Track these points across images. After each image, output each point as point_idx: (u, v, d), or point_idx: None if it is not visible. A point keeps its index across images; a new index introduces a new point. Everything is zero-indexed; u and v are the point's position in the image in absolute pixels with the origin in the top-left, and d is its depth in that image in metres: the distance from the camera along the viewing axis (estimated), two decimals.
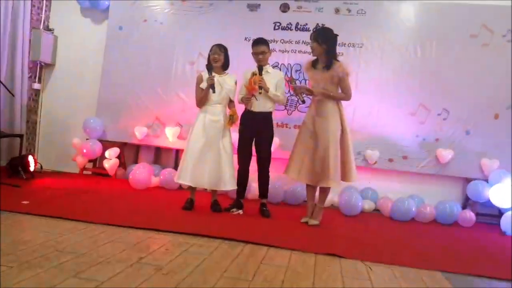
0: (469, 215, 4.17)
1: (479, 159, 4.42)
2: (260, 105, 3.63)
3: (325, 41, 3.34)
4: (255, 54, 3.65)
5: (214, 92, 3.50)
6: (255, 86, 3.51)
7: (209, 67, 3.54)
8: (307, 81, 4.13)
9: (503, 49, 4.42)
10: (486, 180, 4.32)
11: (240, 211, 3.68)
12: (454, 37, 4.50)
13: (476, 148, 4.43)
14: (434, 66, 4.52)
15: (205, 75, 3.57)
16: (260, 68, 3.59)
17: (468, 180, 4.45)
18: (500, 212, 4.23)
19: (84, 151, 4.82)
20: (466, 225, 4.13)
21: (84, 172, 5.12)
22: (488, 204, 4.27)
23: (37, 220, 2.88)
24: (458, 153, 4.44)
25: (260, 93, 3.55)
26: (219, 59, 3.57)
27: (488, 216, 4.39)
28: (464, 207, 4.46)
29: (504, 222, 3.93)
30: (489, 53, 4.44)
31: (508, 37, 4.42)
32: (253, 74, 3.57)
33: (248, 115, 3.68)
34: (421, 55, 4.55)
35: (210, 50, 3.61)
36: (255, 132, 3.69)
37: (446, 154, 4.44)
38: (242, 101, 3.68)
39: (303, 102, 3.56)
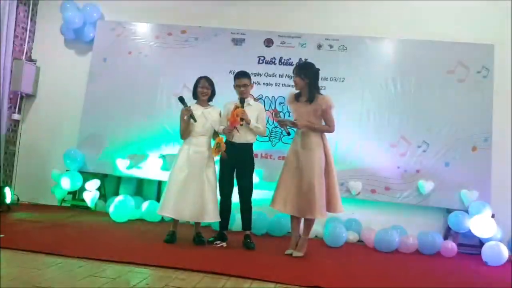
0: (451, 245, 4.19)
1: (459, 190, 4.49)
2: (241, 136, 3.65)
3: (307, 75, 3.42)
4: (237, 86, 3.71)
5: (195, 121, 3.52)
6: (237, 118, 3.54)
7: (181, 99, 3.55)
8: (290, 114, 4.19)
9: (479, 85, 4.61)
10: (467, 211, 4.38)
11: (224, 244, 3.62)
12: (432, 72, 4.68)
13: (456, 180, 4.51)
14: (414, 100, 4.67)
15: (191, 107, 3.58)
16: (242, 101, 3.64)
17: (449, 211, 4.51)
18: (481, 242, 4.27)
19: (63, 183, 4.71)
20: (448, 255, 4.15)
21: (63, 204, 4.99)
22: (469, 234, 4.32)
23: (12, 254, 2.76)
24: (439, 184, 4.52)
25: (241, 125, 3.59)
26: (207, 93, 3.62)
27: (469, 246, 4.43)
28: (445, 237, 4.50)
29: (485, 252, 3.96)
30: (465, 88, 4.63)
31: (483, 73, 4.62)
32: (236, 106, 3.61)
33: (229, 146, 3.70)
34: (401, 89, 4.70)
35: (198, 82, 3.65)
36: (236, 163, 3.69)
37: (427, 185, 4.51)
38: (224, 132, 3.70)
39: (288, 134, 3.60)
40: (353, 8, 4.99)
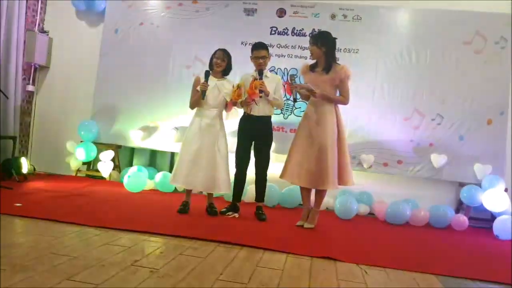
0: (462, 219, 4.19)
1: (472, 164, 4.45)
2: (260, 109, 3.63)
3: (324, 44, 3.37)
4: (255, 58, 3.66)
5: (203, 98, 3.51)
6: (256, 91, 3.51)
7: (207, 73, 3.55)
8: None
9: (496, 56, 4.48)
10: (479, 185, 4.35)
11: (236, 215, 3.67)
12: (448, 43, 4.56)
13: (470, 153, 4.47)
14: (428, 72, 4.57)
15: (203, 78, 3.57)
16: (261, 72, 3.59)
17: (461, 185, 4.48)
18: (492, 216, 4.26)
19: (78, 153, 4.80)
20: (459, 229, 4.16)
21: (78, 174, 5.10)
22: (481, 208, 4.30)
23: (30, 222, 2.85)
24: (452, 158, 4.48)
25: (260, 97, 3.56)
26: (221, 65, 3.59)
27: (481, 220, 4.43)
28: (457, 211, 4.50)
29: (497, 226, 3.96)
30: (482, 60, 4.50)
31: (501, 44, 4.48)
32: (254, 78, 3.57)
33: (247, 119, 3.68)
34: (416, 61, 4.60)
35: (214, 54, 3.62)
36: (254, 136, 3.68)
37: (440, 159, 4.47)
38: (241, 105, 3.68)
39: (295, 101, 3.54)
40: None
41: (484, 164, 4.42)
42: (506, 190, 4.24)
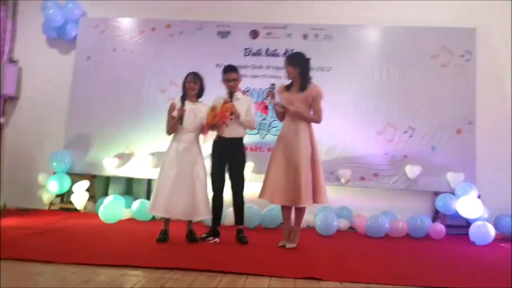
0: (439, 227, 4.29)
1: (445, 173, 4.58)
2: (231, 131, 3.64)
3: (299, 64, 3.47)
4: (226, 81, 3.69)
5: (181, 123, 3.51)
6: (226, 113, 3.53)
7: (183, 98, 3.55)
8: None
9: (462, 69, 4.68)
10: (453, 193, 4.47)
11: (217, 239, 3.63)
12: (416, 58, 4.74)
13: (442, 163, 4.60)
14: (399, 86, 4.72)
15: (178, 103, 3.57)
16: (231, 95, 3.62)
17: (436, 194, 4.59)
18: (468, 223, 4.37)
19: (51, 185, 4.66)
20: (437, 238, 4.25)
21: (52, 208, 4.93)
22: (456, 215, 4.42)
23: (2, 264, 2.73)
24: (426, 168, 4.59)
25: (231, 119, 3.57)
26: (194, 88, 3.59)
27: (457, 227, 4.53)
28: (434, 220, 4.59)
29: (472, 232, 4.07)
30: (449, 73, 4.70)
31: (466, 57, 4.69)
32: (225, 101, 3.59)
33: (219, 141, 3.69)
34: (386, 76, 4.74)
35: (186, 78, 3.62)
36: (227, 158, 3.69)
37: (414, 169, 4.58)
38: (213, 127, 3.68)
39: (281, 120, 3.56)
40: None
41: (457, 173, 4.55)
42: (479, 196, 4.37)
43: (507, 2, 4.82)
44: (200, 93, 3.66)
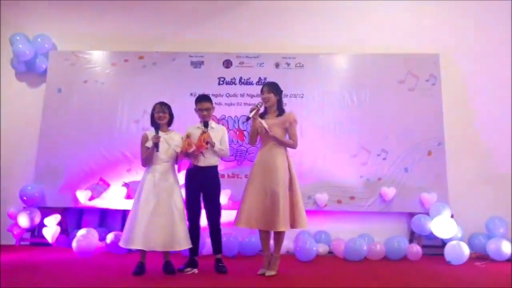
0: (416, 248, 4.34)
1: (419, 194, 4.68)
2: (206, 160, 3.65)
3: (277, 92, 3.62)
4: (199, 110, 3.71)
5: (157, 151, 3.49)
6: (203, 143, 3.54)
7: (156, 126, 3.55)
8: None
9: (428, 92, 4.87)
10: (428, 213, 4.56)
11: (195, 270, 3.55)
12: (384, 83, 4.91)
13: (416, 184, 4.71)
14: (370, 110, 4.86)
15: (150, 134, 3.55)
16: (206, 124, 3.63)
17: (411, 215, 4.67)
18: (443, 243, 4.44)
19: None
20: (414, 259, 4.30)
21: (22, 243, 4.72)
22: (431, 236, 4.48)
23: None
24: (400, 190, 4.69)
25: (206, 148, 3.58)
26: (164, 117, 3.59)
27: (433, 247, 4.60)
28: (410, 241, 4.65)
29: (448, 252, 4.14)
30: (416, 96, 4.88)
31: (431, 81, 4.89)
32: (203, 132, 3.60)
33: (194, 170, 3.68)
34: (357, 101, 4.88)
35: (154, 109, 3.62)
36: (202, 186, 3.66)
37: (389, 191, 4.67)
38: (189, 157, 3.67)
39: (248, 119, 3.57)
40: (307, 27, 5.20)
41: (430, 193, 4.66)
42: (452, 216, 4.47)
43: (468, 27, 5.10)
44: (170, 122, 3.66)
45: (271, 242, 3.56)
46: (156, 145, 3.46)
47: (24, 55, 4.97)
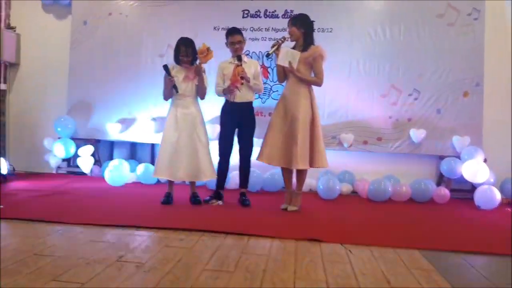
0: (444, 191, 4.28)
1: (451, 137, 4.53)
2: (242, 95, 3.61)
3: (303, 25, 3.42)
4: (231, 43, 3.62)
5: (177, 92, 3.50)
6: (239, 78, 3.48)
7: (165, 68, 3.50)
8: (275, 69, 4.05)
9: (469, 28, 4.52)
10: (459, 157, 4.44)
11: (220, 202, 3.68)
12: (421, 17, 4.57)
13: (448, 126, 4.54)
14: (403, 47, 4.59)
15: (172, 68, 3.54)
16: (239, 58, 3.56)
17: (441, 158, 4.57)
18: (473, 187, 4.37)
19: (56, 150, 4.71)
20: (441, 202, 4.25)
21: (59, 171, 5.01)
22: (461, 180, 4.39)
23: (12, 224, 2.81)
24: (431, 132, 4.54)
25: (242, 83, 3.53)
26: (187, 61, 3.54)
27: (462, 191, 4.52)
28: (438, 184, 4.59)
29: (477, 196, 4.06)
30: (456, 32, 4.54)
31: (473, 16, 4.51)
32: (236, 65, 3.53)
33: (230, 106, 3.66)
34: (390, 37, 4.61)
35: (177, 47, 3.55)
36: (238, 123, 3.68)
37: (419, 133, 4.54)
38: (225, 92, 3.65)
39: (268, 55, 3.48)
40: None
41: (462, 136, 4.49)
42: (485, 160, 4.33)
43: None
44: (193, 61, 3.59)
45: (293, 179, 3.60)
46: (174, 87, 3.46)
47: None
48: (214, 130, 4.31)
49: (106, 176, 4.36)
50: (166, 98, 3.62)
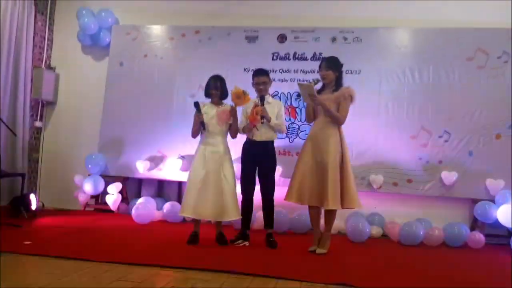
0: (478, 236, 4.10)
1: (484, 179, 4.38)
2: (261, 134, 3.65)
3: (337, 69, 3.49)
4: (256, 84, 3.70)
5: (204, 129, 3.56)
6: (257, 117, 3.53)
7: (196, 105, 3.60)
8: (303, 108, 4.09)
9: (499, 70, 4.48)
10: (493, 201, 4.27)
11: (246, 243, 3.62)
12: (450, 60, 4.58)
13: (481, 169, 4.41)
14: (433, 89, 4.58)
15: (203, 106, 3.62)
16: (262, 99, 3.62)
17: (474, 201, 4.40)
18: (509, 232, 4.16)
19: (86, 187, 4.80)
20: (476, 247, 4.06)
21: (87, 208, 5.08)
22: (496, 224, 4.20)
23: (39, 260, 2.82)
24: (463, 175, 4.42)
25: (262, 122, 3.57)
26: (216, 94, 3.62)
27: (498, 236, 4.32)
28: (472, 228, 4.40)
29: None
30: (486, 74, 4.51)
31: (503, 59, 4.49)
32: (255, 105, 3.60)
33: (250, 144, 3.70)
34: (419, 79, 4.61)
35: (208, 83, 3.66)
36: (257, 161, 3.69)
37: (450, 176, 4.42)
38: (244, 131, 3.70)
39: (299, 96, 3.49)
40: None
41: (496, 179, 4.35)
42: None
43: None
44: (223, 96, 3.68)
45: (322, 220, 3.52)
46: (202, 124, 3.52)
47: (89, 29, 5.21)
48: (237, 169, 4.31)
49: (133, 213, 4.38)
50: (194, 136, 3.69)
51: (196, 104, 3.60)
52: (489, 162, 4.40)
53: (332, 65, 3.48)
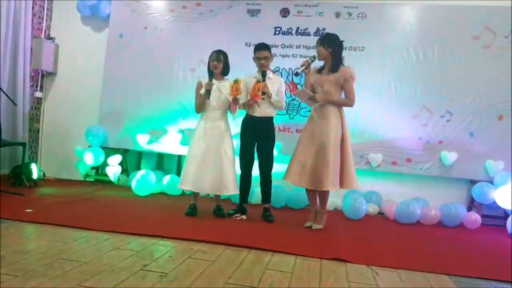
0: (475, 217, 4.13)
1: (483, 161, 4.39)
2: (262, 110, 3.64)
3: (331, 45, 3.38)
4: (257, 59, 3.65)
5: (208, 98, 3.52)
6: (259, 93, 3.50)
7: (210, 73, 3.56)
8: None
9: (506, 51, 4.40)
10: (491, 182, 4.29)
11: (244, 216, 3.66)
12: (455, 39, 4.49)
13: (481, 150, 4.40)
14: (436, 68, 4.51)
15: (204, 81, 3.59)
16: (264, 74, 3.58)
17: (472, 182, 4.42)
18: (506, 214, 4.19)
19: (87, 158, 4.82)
20: (472, 227, 4.09)
21: (87, 179, 5.12)
22: (493, 205, 4.23)
23: (40, 228, 2.87)
24: (463, 155, 4.42)
25: (262, 98, 3.55)
26: (218, 66, 3.59)
27: (494, 218, 4.35)
28: (469, 209, 4.43)
29: (510, 224, 3.88)
30: (491, 55, 4.43)
31: (510, 38, 4.40)
32: (257, 81, 3.56)
33: (249, 120, 3.69)
34: (423, 57, 4.54)
35: (210, 57, 3.63)
36: (256, 137, 3.69)
37: (450, 156, 4.42)
38: (244, 106, 3.68)
39: (297, 74, 3.43)
40: None
41: (496, 161, 4.35)
42: None
43: None
44: (225, 71, 3.65)
45: (318, 198, 3.54)
46: (207, 92, 3.50)
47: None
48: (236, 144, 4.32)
49: (133, 185, 4.42)
50: (198, 110, 3.67)
51: (212, 73, 3.56)
52: (490, 143, 4.39)
53: (326, 41, 3.39)
